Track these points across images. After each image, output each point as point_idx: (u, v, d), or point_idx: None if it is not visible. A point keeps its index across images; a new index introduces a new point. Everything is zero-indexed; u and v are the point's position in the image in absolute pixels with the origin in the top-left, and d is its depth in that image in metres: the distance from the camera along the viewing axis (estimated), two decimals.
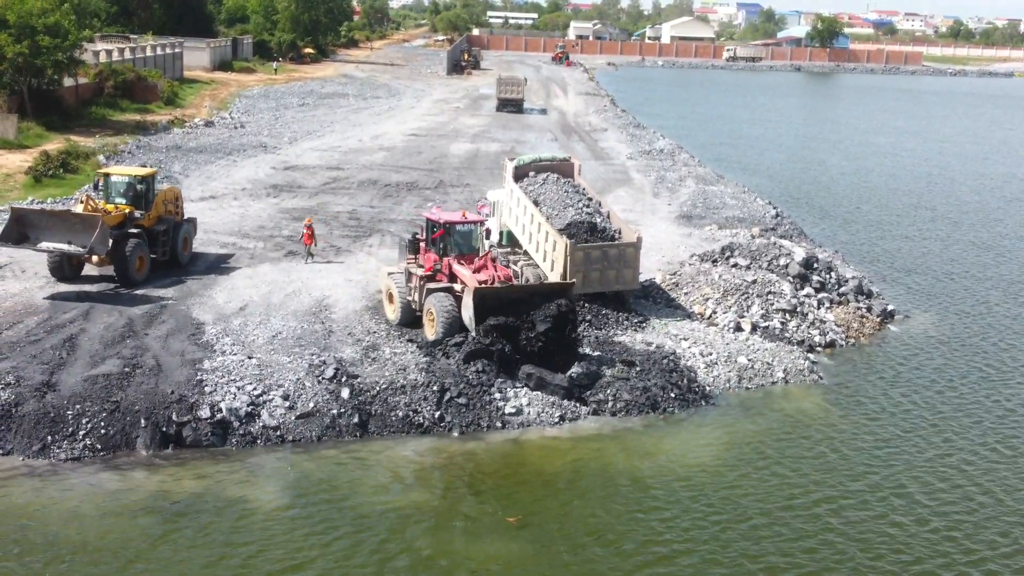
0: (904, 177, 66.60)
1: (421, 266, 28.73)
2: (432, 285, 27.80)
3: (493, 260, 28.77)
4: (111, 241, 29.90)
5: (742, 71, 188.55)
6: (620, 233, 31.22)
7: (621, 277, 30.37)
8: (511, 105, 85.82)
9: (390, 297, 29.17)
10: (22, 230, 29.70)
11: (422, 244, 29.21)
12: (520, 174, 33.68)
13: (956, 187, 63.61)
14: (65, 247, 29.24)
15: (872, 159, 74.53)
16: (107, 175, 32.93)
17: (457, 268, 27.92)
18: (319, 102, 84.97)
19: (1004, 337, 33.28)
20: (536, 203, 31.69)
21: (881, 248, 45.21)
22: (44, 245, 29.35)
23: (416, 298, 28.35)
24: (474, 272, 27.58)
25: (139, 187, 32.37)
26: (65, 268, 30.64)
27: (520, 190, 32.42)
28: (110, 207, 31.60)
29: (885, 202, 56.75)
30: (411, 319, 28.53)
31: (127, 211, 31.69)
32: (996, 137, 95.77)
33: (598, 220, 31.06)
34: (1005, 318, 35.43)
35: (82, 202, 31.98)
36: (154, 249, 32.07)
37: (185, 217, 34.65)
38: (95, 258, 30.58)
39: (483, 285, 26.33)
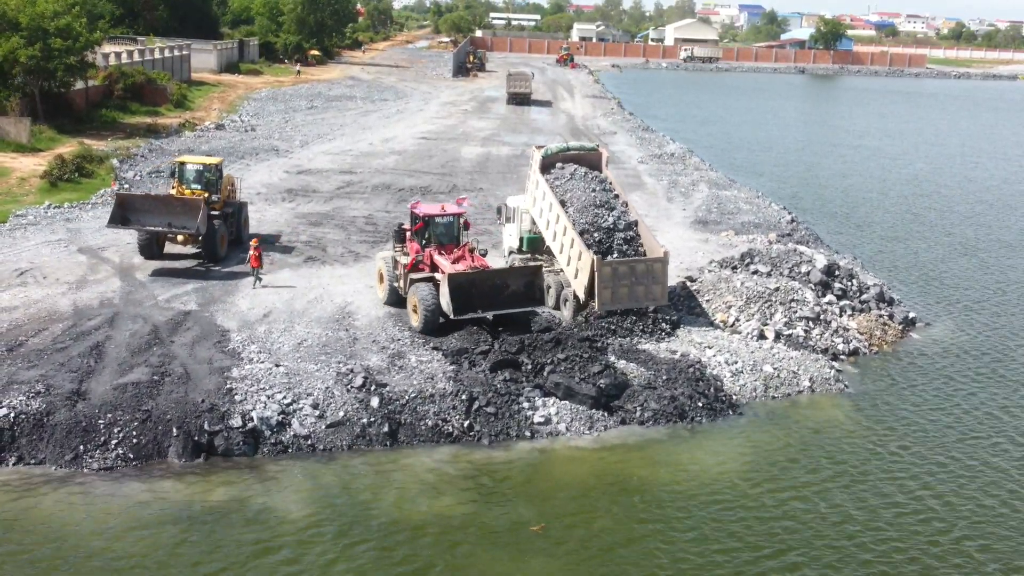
0: (909, 181, 66.51)
1: (406, 254, 30.13)
2: (415, 275, 29.14)
3: (471, 251, 29.78)
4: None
5: (746, 73, 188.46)
6: (644, 247, 30.79)
7: (650, 293, 29.82)
8: (520, 98, 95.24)
9: (380, 278, 31.14)
10: (124, 213, 32.94)
11: (408, 233, 30.52)
12: (547, 164, 33.11)
13: (963, 191, 63.51)
14: (166, 228, 32.79)
15: (873, 162, 74.45)
16: (183, 163, 36.02)
17: (437, 259, 29.21)
18: (327, 105, 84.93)
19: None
20: (563, 203, 31.30)
21: (893, 251, 45.17)
22: (149, 227, 32.89)
23: (402, 284, 29.96)
24: (453, 263, 28.83)
25: (209, 174, 35.41)
26: (153, 247, 33.75)
27: (546, 184, 31.95)
28: (187, 192, 34.74)
29: (891, 205, 56.66)
30: (396, 300, 30.42)
31: (206, 195, 34.68)
32: (1009, 141, 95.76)
33: (621, 225, 30.80)
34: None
35: (174, 188, 35.20)
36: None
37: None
38: (180, 237, 33.52)
39: (457, 272, 27.82)
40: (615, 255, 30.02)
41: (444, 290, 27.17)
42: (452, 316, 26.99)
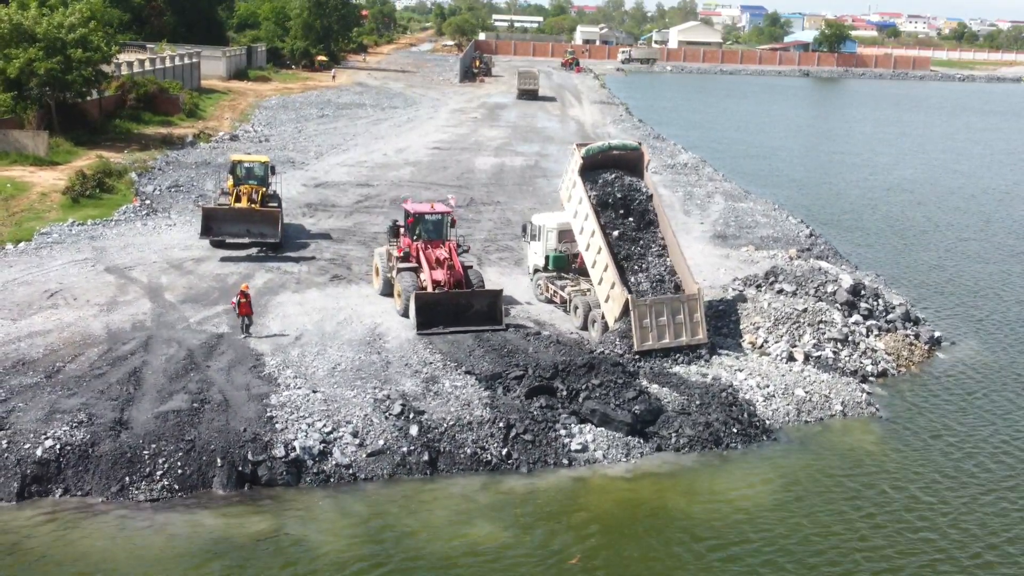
0: (915, 191, 66.64)
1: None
2: (402, 265, 32.24)
3: (457, 246, 32.48)
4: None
5: (751, 76, 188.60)
6: (680, 278, 30.67)
7: (687, 330, 29.44)
8: (529, 94, 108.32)
9: (376, 271, 34.03)
10: (209, 224, 37.47)
11: (401, 229, 33.46)
12: (587, 165, 32.13)
13: (970, 200, 63.65)
14: (247, 237, 37.82)
15: (876, 169, 74.61)
16: (239, 161, 40.61)
17: (422, 257, 31.87)
18: (338, 113, 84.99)
19: None
20: (598, 215, 31.00)
21: (904, 263, 45.33)
22: (234, 237, 37.76)
23: (393, 275, 32.73)
24: (435, 263, 31.51)
25: (260, 170, 40.02)
26: (221, 239, 38.36)
27: (584, 190, 31.32)
28: (246, 187, 39.15)
29: (898, 215, 56.82)
30: (389, 291, 33.14)
31: (263, 190, 39.18)
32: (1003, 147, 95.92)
33: (657, 257, 30.91)
34: None
35: (244, 194, 39.05)
36: None
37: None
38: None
39: (424, 291, 30.69)
40: (647, 286, 30.07)
41: (411, 307, 30.06)
42: (417, 331, 29.62)
